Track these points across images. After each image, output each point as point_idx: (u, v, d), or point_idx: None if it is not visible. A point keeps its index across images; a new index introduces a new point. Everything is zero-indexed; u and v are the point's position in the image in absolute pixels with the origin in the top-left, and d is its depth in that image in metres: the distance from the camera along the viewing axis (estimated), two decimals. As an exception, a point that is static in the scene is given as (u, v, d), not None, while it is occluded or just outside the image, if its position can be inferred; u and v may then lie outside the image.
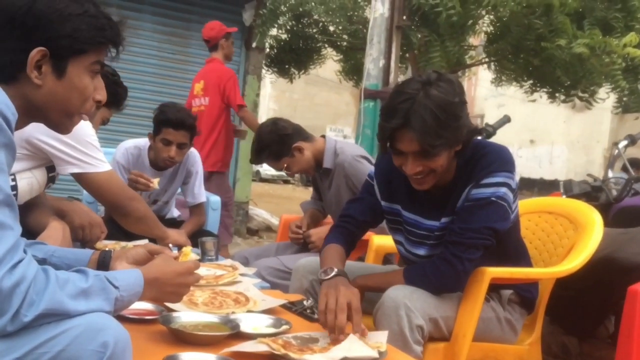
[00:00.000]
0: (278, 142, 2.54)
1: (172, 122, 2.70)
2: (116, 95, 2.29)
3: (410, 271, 1.72)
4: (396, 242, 1.90)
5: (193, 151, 2.95)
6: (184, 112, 2.77)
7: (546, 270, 1.97)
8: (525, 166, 15.29)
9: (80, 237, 2.08)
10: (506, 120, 3.02)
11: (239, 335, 1.41)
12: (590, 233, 1.95)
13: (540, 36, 4.58)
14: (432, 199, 1.73)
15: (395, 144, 1.61)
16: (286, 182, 20.35)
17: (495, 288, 1.78)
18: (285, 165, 2.59)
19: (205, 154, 4.32)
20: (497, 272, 1.71)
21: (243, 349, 1.31)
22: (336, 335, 1.42)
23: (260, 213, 7.45)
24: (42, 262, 1.19)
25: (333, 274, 1.60)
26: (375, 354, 1.35)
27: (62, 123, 1.20)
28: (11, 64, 1.10)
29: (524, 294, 1.85)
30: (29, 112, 1.14)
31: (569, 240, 2.04)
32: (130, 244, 2.20)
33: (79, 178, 2.00)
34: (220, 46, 4.43)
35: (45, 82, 1.12)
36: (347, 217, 1.89)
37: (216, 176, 4.39)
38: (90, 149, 1.97)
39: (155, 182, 2.65)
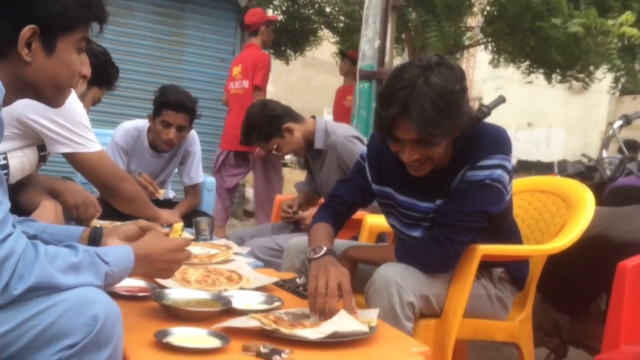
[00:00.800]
0: (267, 123, 2.54)
1: (172, 104, 2.71)
2: (107, 75, 2.29)
3: (401, 249, 1.73)
4: (390, 224, 1.90)
5: (192, 132, 2.96)
6: (184, 94, 2.78)
7: (537, 248, 1.98)
8: (523, 149, 15.27)
9: (75, 216, 2.09)
10: (501, 100, 3.01)
11: (230, 312, 1.42)
12: (582, 211, 1.95)
13: (537, 15, 4.55)
14: (427, 181, 1.71)
15: (393, 132, 1.58)
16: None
17: (486, 266, 1.79)
18: (275, 146, 2.59)
19: None
20: (488, 249, 1.72)
21: (234, 324, 1.32)
22: (326, 318, 1.41)
23: (257, 195, 7.44)
24: (32, 238, 1.20)
25: (322, 252, 1.60)
26: (366, 329, 1.36)
27: (53, 97, 1.22)
28: (1, 42, 1.11)
29: (514, 272, 1.86)
30: (18, 88, 1.16)
31: (561, 219, 2.05)
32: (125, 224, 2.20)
33: (70, 158, 2.00)
34: (260, 32, 4.59)
35: (35, 59, 1.13)
36: (336, 197, 1.88)
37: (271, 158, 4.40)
38: (81, 129, 1.97)
39: (161, 193, 2.74)
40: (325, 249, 1.61)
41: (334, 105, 5.58)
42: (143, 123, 2.91)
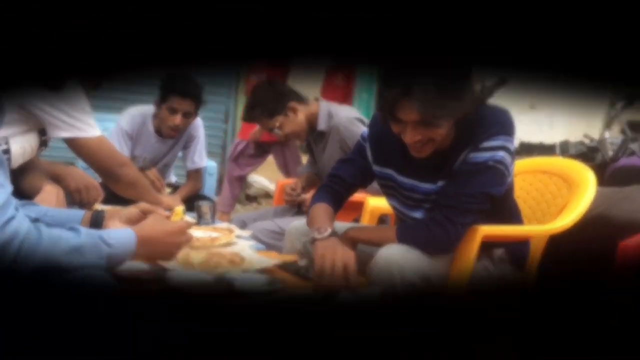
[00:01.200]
0: (273, 99, 2.52)
1: (178, 90, 2.70)
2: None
3: (402, 230, 1.72)
4: (391, 205, 1.90)
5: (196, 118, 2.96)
6: (190, 81, 2.77)
7: (538, 228, 1.98)
8: (525, 131, 15.22)
9: (77, 201, 2.09)
10: (502, 81, 3.00)
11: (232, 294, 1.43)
12: (583, 191, 1.95)
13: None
14: (428, 162, 1.69)
15: (395, 113, 1.56)
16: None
17: (487, 247, 1.79)
18: (278, 124, 2.57)
19: None
20: (490, 230, 1.72)
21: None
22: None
23: (259, 180, 7.45)
24: (34, 222, 1.21)
25: (327, 233, 1.61)
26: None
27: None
28: None
29: (515, 253, 1.86)
30: None
31: (562, 199, 2.04)
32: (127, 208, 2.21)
33: (70, 143, 2.00)
34: None
35: None
36: (336, 177, 1.88)
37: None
38: (81, 114, 1.96)
39: (166, 192, 2.79)
40: (329, 229, 1.62)
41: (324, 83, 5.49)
42: (149, 108, 2.91)
